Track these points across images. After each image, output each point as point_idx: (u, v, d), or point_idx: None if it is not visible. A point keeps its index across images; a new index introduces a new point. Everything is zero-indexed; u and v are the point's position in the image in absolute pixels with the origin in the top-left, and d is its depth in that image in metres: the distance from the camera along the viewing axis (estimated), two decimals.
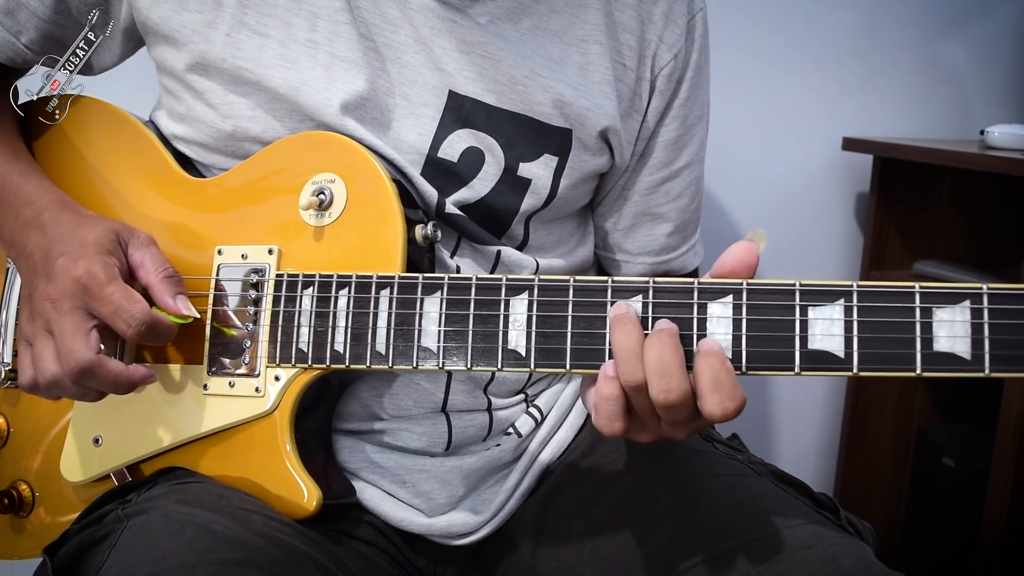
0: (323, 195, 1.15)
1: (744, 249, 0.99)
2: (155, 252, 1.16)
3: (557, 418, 1.39)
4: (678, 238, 1.46)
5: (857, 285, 0.96)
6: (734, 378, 0.96)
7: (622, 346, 0.98)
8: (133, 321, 1.08)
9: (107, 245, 1.13)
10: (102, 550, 1.04)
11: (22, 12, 1.31)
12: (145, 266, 1.15)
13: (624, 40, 1.31)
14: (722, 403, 0.95)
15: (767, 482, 1.24)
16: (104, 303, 1.09)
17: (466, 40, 1.23)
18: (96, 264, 1.10)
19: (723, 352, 0.96)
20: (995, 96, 2.55)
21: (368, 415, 1.26)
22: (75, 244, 1.13)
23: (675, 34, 1.33)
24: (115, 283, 1.10)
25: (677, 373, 0.96)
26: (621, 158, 1.34)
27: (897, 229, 2.37)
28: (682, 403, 0.96)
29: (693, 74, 1.36)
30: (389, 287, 1.10)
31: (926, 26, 2.42)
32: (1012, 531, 2.03)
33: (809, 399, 2.52)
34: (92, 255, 1.11)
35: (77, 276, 1.10)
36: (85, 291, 1.09)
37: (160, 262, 1.15)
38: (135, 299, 1.09)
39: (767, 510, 1.16)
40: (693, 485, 1.23)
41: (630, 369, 0.97)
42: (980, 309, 0.92)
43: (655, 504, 1.21)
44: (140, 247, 1.16)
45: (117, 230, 1.16)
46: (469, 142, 1.25)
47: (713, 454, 1.31)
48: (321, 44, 1.21)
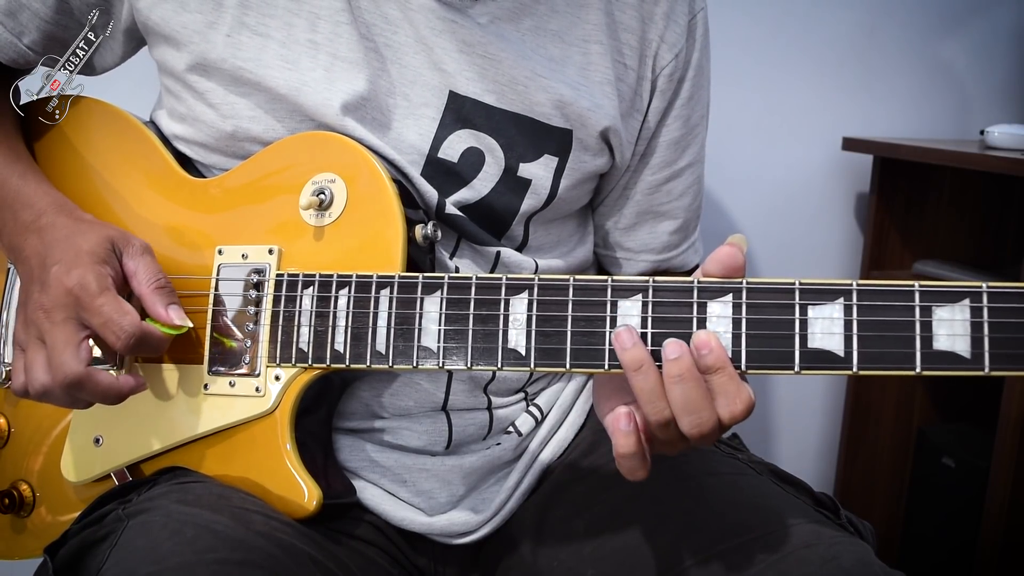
0: (323, 195, 1.15)
1: (727, 254, 1.00)
2: (149, 261, 1.16)
3: (557, 417, 1.39)
4: (680, 236, 1.46)
5: (856, 284, 0.96)
6: (737, 381, 0.97)
7: (644, 389, 0.98)
8: (122, 334, 1.08)
9: (101, 254, 1.13)
10: (103, 550, 1.04)
11: (24, 13, 1.31)
12: (138, 276, 1.15)
13: (625, 40, 1.31)
14: (729, 407, 0.97)
15: (767, 481, 1.24)
16: (95, 315, 1.09)
17: (466, 40, 1.23)
18: (89, 274, 1.10)
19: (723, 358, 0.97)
20: (995, 96, 2.55)
21: (368, 414, 1.26)
22: (70, 252, 1.13)
23: (676, 34, 1.33)
24: (106, 294, 1.10)
25: (706, 407, 0.97)
26: (621, 158, 1.34)
27: (897, 229, 2.37)
28: (715, 431, 0.97)
29: (695, 74, 1.36)
30: (389, 287, 1.10)
31: (926, 26, 2.43)
32: (1012, 531, 2.03)
33: (809, 399, 2.52)
34: (86, 264, 1.11)
35: (70, 286, 1.10)
36: (77, 302, 1.10)
37: (153, 272, 1.15)
38: (125, 311, 1.09)
39: (768, 509, 1.16)
40: (694, 484, 1.23)
41: (655, 408, 0.98)
42: (980, 308, 0.92)
43: (656, 503, 1.21)
44: (134, 256, 1.16)
45: (112, 238, 1.15)
46: (469, 142, 1.25)
47: (714, 453, 1.31)
48: (322, 44, 1.21)
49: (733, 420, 0.97)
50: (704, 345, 0.96)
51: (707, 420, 0.96)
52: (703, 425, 0.96)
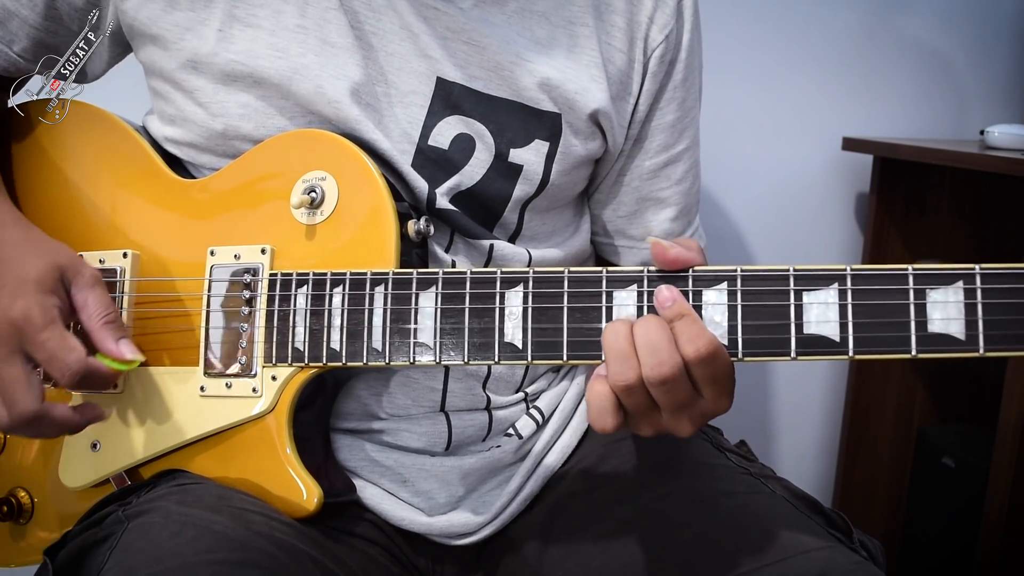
0: (314, 193, 1.15)
1: (660, 247, 1.01)
2: (99, 294, 1.14)
3: (560, 422, 1.38)
4: (682, 223, 1.46)
5: (851, 269, 0.97)
6: (700, 326, 0.98)
7: (611, 346, 0.98)
8: (67, 371, 1.07)
9: (48, 283, 1.11)
10: (103, 551, 1.04)
11: (13, 21, 1.31)
12: (88, 309, 1.13)
13: (613, 22, 1.31)
14: (693, 343, 0.96)
15: (780, 500, 1.22)
16: (39, 349, 1.07)
17: (450, 27, 1.23)
18: (34, 307, 1.08)
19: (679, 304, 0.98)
20: (995, 96, 2.54)
21: (366, 414, 1.26)
22: (13, 279, 1.11)
23: (666, 15, 1.33)
24: (51, 328, 1.08)
25: (666, 347, 0.96)
26: (614, 142, 1.33)
27: (897, 229, 2.36)
28: (677, 376, 0.96)
29: (687, 55, 1.36)
30: (383, 283, 1.10)
31: (926, 26, 2.42)
32: (1012, 531, 2.02)
33: (809, 399, 2.51)
34: (30, 295, 1.09)
35: (13, 318, 1.08)
36: (21, 334, 1.08)
37: (103, 305, 1.13)
38: (70, 347, 1.08)
39: (781, 534, 1.14)
40: (707, 505, 1.22)
41: (619, 370, 0.98)
42: (973, 289, 0.92)
43: (668, 523, 1.20)
44: (83, 288, 1.13)
45: (62, 266, 1.13)
46: (459, 129, 1.25)
47: (726, 468, 1.30)
48: (311, 29, 1.21)
49: (699, 357, 0.96)
50: (666, 300, 0.98)
51: (667, 360, 0.96)
52: (663, 365, 0.95)
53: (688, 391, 0.98)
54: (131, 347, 1.13)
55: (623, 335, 0.98)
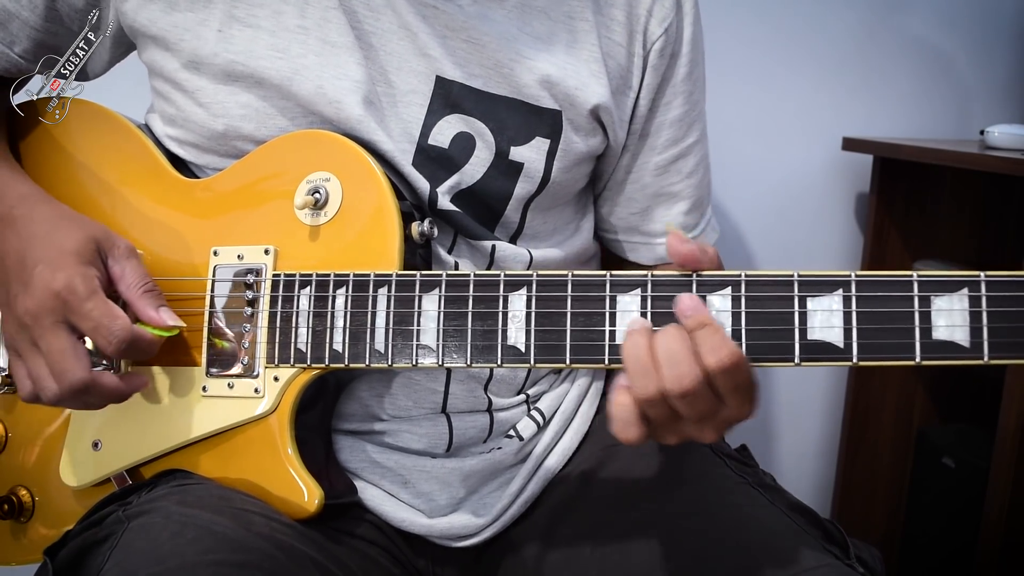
0: (318, 194, 1.15)
1: (676, 238, 1.00)
2: (135, 264, 1.15)
3: (561, 424, 1.38)
4: (696, 216, 1.46)
5: (855, 275, 0.96)
6: (722, 335, 0.96)
7: (630, 356, 0.97)
8: (113, 338, 1.07)
9: (87, 255, 1.12)
10: (103, 551, 1.04)
11: (14, 23, 1.31)
12: (125, 280, 1.14)
13: (612, 16, 1.31)
14: (715, 353, 0.95)
15: (779, 514, 1.22)
16: (84, 319, 1.08)
17: (449, 26, 1.23)
18: (76, 277, 1.09)
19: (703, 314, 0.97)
20: (995, 96, 2.54)
21: (368, 416, 1.26)
22: (53, 251, 1.12)
23: (665, 7, 1.32)
24: (94, 298, 1.09)
25: (686, 359, 0.95)
26: (615, 137, 1.33)
27: (897, 229, 2.36)
28: (698, 389, 0.95)
29: (689, 48, 1.36)
30: (387, 285, 1.10)
31: (926, 26, 2.42)
32: (1012, 531, 2.02)
33: (809, 399, 2.51)
34: (72, 266, 1.10)
35: (56, 290, 1.08)
36: (65, 305, 1.08)
37: (140, 276, 1.14)
38: (115, 315, 1.08)
39: (780, 552, 1.14)
40: (706, 518, 1.21)
41: (641, 383, 0.96)
42: (978, 296, 0.92)
43: (667, 535, 1.20)
44: (120, 259, 1.14)
45: (97, 239, 1.14)
46: (459, 127, 1.25)
47: (726, 477, 1.29)
48: (311, 29, 1.21)
49: (721, 368, 0.95)
50: (688, 309, 0.97)
51: (687, 372, 0.94)
52: (683, 378, 0.94)
53: (711, 401, 0.97)
54: (171, 314, 1.14)
55: (643, 347, 0.96)
